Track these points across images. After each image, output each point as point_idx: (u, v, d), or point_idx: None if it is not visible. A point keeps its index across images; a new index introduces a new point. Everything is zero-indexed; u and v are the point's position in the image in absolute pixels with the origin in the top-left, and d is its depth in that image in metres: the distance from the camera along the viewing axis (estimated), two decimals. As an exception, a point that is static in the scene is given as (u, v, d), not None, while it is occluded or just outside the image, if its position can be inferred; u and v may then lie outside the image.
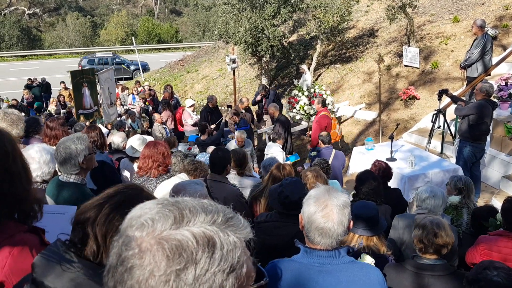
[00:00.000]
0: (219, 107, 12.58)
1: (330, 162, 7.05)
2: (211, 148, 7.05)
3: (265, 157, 8.06)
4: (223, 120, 11.13)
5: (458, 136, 7.66)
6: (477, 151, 7.20)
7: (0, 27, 44.83)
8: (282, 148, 8.43)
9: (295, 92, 12.56)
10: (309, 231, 2.05)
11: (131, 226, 0.86)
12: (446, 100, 8.74)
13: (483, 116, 6.96)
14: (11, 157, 1.88)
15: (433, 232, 2.84)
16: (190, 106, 11.86)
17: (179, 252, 0.81)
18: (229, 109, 11.31)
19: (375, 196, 4.26)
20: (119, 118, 12.67)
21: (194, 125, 11.44)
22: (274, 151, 7.98)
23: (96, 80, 11.37)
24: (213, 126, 10.39)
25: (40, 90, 21.13)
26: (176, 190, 2.68)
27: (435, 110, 8.41)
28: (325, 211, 2.01)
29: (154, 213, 0.87)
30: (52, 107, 17.25)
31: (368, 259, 2.83)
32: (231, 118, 10.55)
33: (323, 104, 9.28)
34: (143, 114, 13.59)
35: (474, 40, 8.88)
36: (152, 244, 0.82)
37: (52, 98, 18.65)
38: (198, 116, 11.86)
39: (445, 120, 8.22)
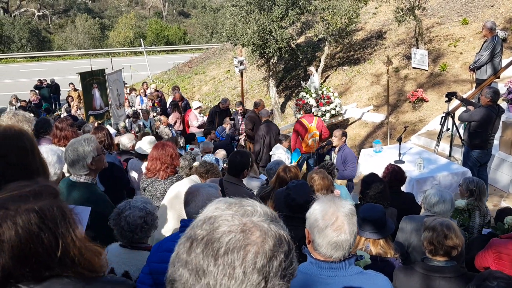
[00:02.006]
0: (231, 110, 12.58)
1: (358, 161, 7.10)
2: (221, 151, 7.07)
3: (272, 157, 8.09)
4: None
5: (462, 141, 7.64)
6: (480, 156, 7.15)
7: (10, 28, 45.19)
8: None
9: (302, 94, 12.56)
10: (321, 246, 2.00)
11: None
12: (455, 102, 8.69)
13: (484, 124, 6.91)
14: (30, 154, 1.91)
15: (443, 234, 2.83)
16: (197, 108, 11.88)
17: (281, 239, 1.03)
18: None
19: (382, 200, 4.22)
20: (127, 120, 12.74)
21: (199, 127, 11.46)
22: (279, 152, 8.01)
23: (106, 81, 11.44)
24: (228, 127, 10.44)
25: (49, 91, 21.31)
26: (191, 192, 2.72)
27: (443, 112, 8.36)
28: (336, 224, 1.97)
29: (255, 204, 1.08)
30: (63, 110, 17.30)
31: (366, 256, 2.83)
32: (227, 123, 10.66)
33: (305, 110, 9.40)
34: (154, 114, 13.64)
35: (484, 42, 8.82)
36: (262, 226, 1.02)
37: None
38: (204, 118, 11.88)
39: (453, 123, 8.16)
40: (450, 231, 2.83)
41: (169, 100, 14.89)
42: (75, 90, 18.70)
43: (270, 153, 8.32)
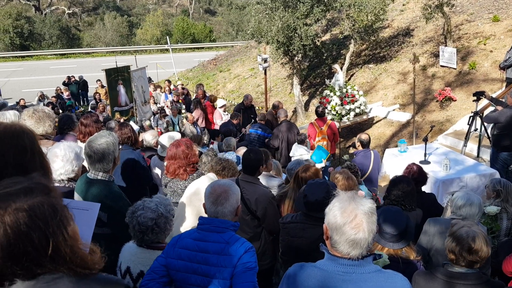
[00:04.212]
0: (256, 107, 12.56)
1: (371, 166, 6.90)
2: (242, 149, 7.06)
3: (292, 158, 7.99)
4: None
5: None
6: (508, 158, 6.94)
7: (41, 26, 46.36)
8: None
9: (326, 92, 12.45)
10: (338, 243, 1.98)
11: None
12: (483, 102, 8.47)
13: (510, 126, 6.70)
14: (29, 154, 1.88)
15: (467, 247, 2.69)
16: (222, 107, 11.90)
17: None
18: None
19: (407, 201, 4.13)
20: (153, 117, 12.89)
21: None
22: (300, 151, 7.91)
23: (131, 78, 11.58)
24: (248, 127, 10.36)
25: (77, 88, 21.77)
26: (224, 191, 2.67)
27: (472, 112, 8.15)
28: (355, 221, 1.94)
29: None
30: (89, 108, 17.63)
31: (384, 256, 2.76)
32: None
33: (317, 113, 9.20)
34: (183, 111, 13.76)
35: (515, 40, 8.57)
36: None
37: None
38: (229, 116, 11.91)
39: (482, 123, 7.95)
40: (476, 243, 2.68)
41: (193, 97, 15.00)
42: (102, 87, 19.03)
43: (290, 154, 8.22)
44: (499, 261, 3.76)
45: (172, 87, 17.17)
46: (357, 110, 12.00)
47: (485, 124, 7.90)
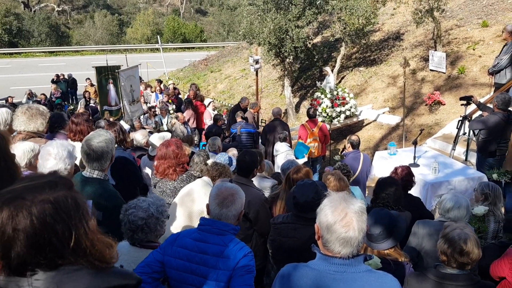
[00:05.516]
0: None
1: (359, 168, 6.95)
2: (232, 150, 7.05)
3: (275, 157, 8.04)
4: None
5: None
6: (493, 164, 7.02)
7: (30, 23, 45.90)
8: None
9: (317, 94, 12.50)
10: (329, 242, 2.02)
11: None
12: (472, 106, 8.57)
13: (492, 132, 6.78)
14: None
15: (459, 249, 2.73)
16: (209, 104, 11.95)
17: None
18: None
19: (394, 203, 4.16)
20: (142, 116, 12.81)
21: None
22: (282, 149, 7.97)
23: (118, 77, 11.46)
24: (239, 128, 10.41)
25: (66, 86, 21.58)
26: (230, 194, 2.66)
27: (460, 116, 8.24)
28: (345, 220, 1.98)
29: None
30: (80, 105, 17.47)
31: (376, 259, 2.79)
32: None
33: (308, 114, 9.39)
34: (171, 111, 13.70)
35: (504, 45, 8.69)
36: None
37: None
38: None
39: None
40: (467, 245, 2.73)
41: (185, 97, 14.97)
42: (92, 85, 18.88)
43: (274, 153, 8.27)
44: (483, 264, 3.80)
45: (162, 86, 17.08)
46: (348, 113, 12.07)
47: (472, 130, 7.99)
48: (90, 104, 16.15)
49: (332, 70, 13.46)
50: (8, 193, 1.42)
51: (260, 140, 9.99)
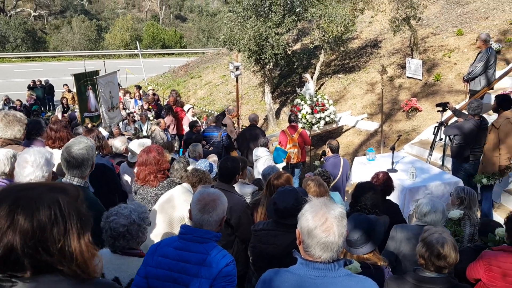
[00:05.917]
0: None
1: (340, 173, 7.02)
2: (213, 156, 7.05)
3: (255, 162, 8.03)
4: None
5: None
6: (469, 168, 7.19)
7: (5, 28, 45.01)
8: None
9: (297, 100, 12.59)
10: (310, 246, 2.05)
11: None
12: (448, 112, 8.75)
13: (465, 137, 6.96)
14: None
15: (436, 253, 2.80)
16: (188, 110, 11.93)
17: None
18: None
19: (373, 208, 4.21)
20: (121, 122, 12.68)
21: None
22: (262, 154, 7.99)
23: (96, 84, 11.32)
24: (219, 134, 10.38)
25: (43, 92, 21.19)
26: (211, 200, 2.66)
27: (437, 122, 8.41)
28: (326, 225, 2.01)
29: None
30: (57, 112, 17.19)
31: (355, 264, 2.83)
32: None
33: (289, 119, 9.54)
34: (151, 118, 13.60)
35: (478, 53, 8.89)
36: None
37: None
38: (198, 121, 11.91)
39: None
40: (444, 249, 2.80)
41: (164, 104, 14.89)
42: (69, 91, 18.60)
43: (254, 158, 8.28)
44: (459, 267, 3.87)
45: (141, 92, 16.94)
46: (327, 119, 12.18)
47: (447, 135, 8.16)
48: (69, 112, 15.89)
49: (311, 77, 13.59)
50: (21, 190, 1.47)
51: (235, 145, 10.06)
